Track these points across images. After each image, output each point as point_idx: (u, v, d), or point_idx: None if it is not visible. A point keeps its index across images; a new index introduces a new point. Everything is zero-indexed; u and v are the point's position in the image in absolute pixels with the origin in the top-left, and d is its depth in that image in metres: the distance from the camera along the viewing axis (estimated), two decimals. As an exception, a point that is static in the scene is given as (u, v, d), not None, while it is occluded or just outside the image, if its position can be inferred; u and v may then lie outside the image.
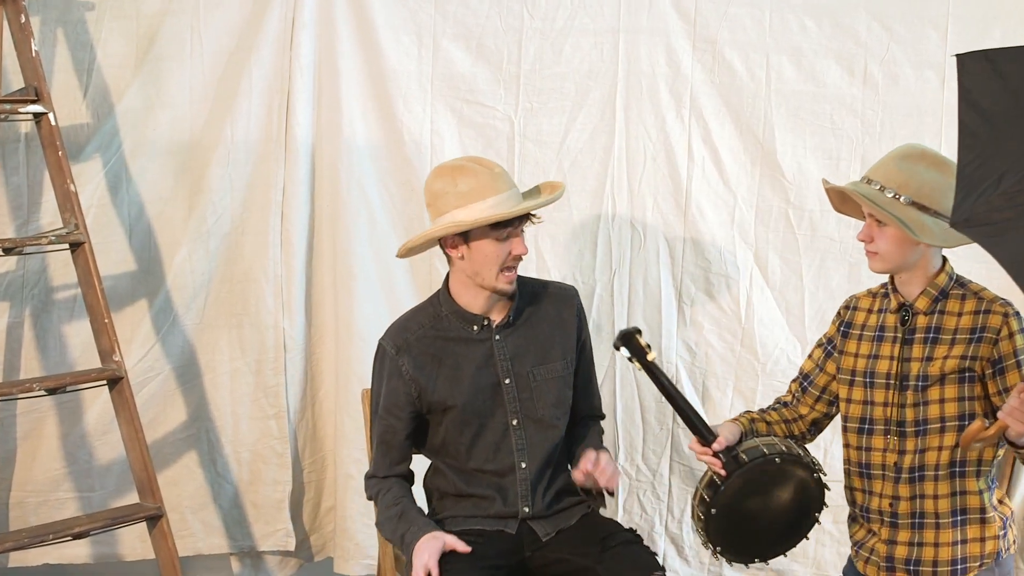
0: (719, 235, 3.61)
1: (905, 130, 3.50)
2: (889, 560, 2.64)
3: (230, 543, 3.73)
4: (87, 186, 3.51)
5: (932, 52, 3.51)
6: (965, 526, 2.59)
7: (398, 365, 2.75)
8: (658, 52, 3.57)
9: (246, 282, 3.63)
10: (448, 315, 2.78)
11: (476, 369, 2.75)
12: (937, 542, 2.60)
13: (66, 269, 3.48)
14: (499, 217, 2.62)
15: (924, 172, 2.53)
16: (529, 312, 2.81)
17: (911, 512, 2.61)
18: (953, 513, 2.59)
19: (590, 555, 2.69)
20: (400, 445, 2.80)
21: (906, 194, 2.53)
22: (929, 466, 2.58)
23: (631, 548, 2.70)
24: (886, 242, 2.56)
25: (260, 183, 3.59)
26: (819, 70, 3.55)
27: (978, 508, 2.59)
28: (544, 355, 2.80)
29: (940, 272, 2.60)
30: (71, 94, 3.51)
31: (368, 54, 3.56)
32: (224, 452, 3.69)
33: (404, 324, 2.82)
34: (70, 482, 3.61)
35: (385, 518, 2.75)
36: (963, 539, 2.59)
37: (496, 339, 2.77)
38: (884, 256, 2.58)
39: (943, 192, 2.49)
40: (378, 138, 3.60)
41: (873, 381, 2.66)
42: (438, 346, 2.76)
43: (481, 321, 2.76)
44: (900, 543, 2.63)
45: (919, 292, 2.60)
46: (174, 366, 3.64)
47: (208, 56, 3.54)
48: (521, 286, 2.81)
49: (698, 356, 3.64)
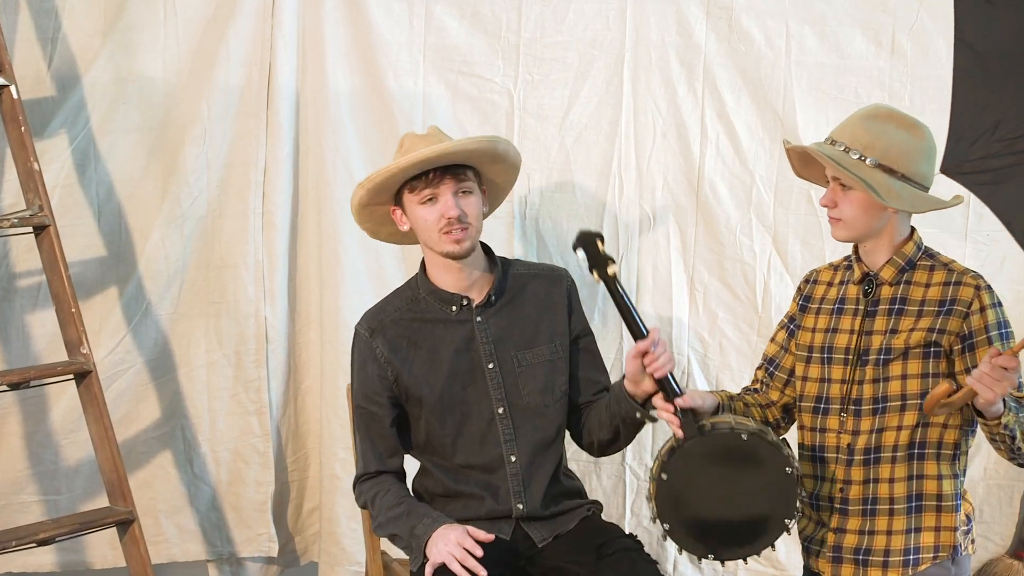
0: (734, 217, 3.52)
1: (935, 104, 3.40)
2: (837, 550, 2.59)
3: (208, 549, 3.68)
4: (52, 164, 3.46)
5: None
6: (920, 513, 2.53)
7: (372, 348, 2.73)
8: (668, 19, 3.50)
9: (224, 268, 3.58)
10: (425, 296, 2.76)
11: (455, 352, 2.72)
12: (889, 530, 2.54)
13: (29, 254, 3.44)
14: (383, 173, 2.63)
15: (893, 133, 2.49)
16: (513, 293, 2.78)
17: (862, 498, 2.55)
18: (908, 499, 2.53)
19: (586, 563, 2.64)
20: (386, 434, 2.75)
21: (872, 156, 2.48)
22: (886, 447, 2.53)
23: (629, 556, 2.65)
24: (851, 207, 2.52)
25: (239, 162, 3.54)
26: (843, 40, 3.46)
27: (935, 494, 2.53)
28: (530, 338, 2.75)
29: (907, 241, 2.57)
30: (34, 65, 3.46)
31: (355, 22, 3.50)
32: (201, 451, 3.65)
33: (380, 307, 2.81)
34: (34, 484, 3.57)
35: (388, 519, 2.68)
36: (917, 527, 2.54)
37: (478, 320, 2.74)
38: (848, 223, 2.53)
39: (913, 155, 2.48)
40: (366, 113, 3.54)
41: (831, 356, 2.62)
42: (415, 328, 2.74)
43: (459, 301, 2.73)
44: (849, 531, 2.57)
45: (884, 261, 2.57)
46: (147, 359, 3.59)
47: (182, 24, 3.49)
48: (507, 267, 2.80)
49: (711, 347, 3.57)
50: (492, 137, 2.74)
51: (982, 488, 3.54)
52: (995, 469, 3.53)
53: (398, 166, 2.63)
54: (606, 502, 3.51)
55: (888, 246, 2.56)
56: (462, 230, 2.65)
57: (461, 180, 2.66)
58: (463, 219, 2.64)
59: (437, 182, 2.64)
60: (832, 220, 2.56)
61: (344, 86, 3.50)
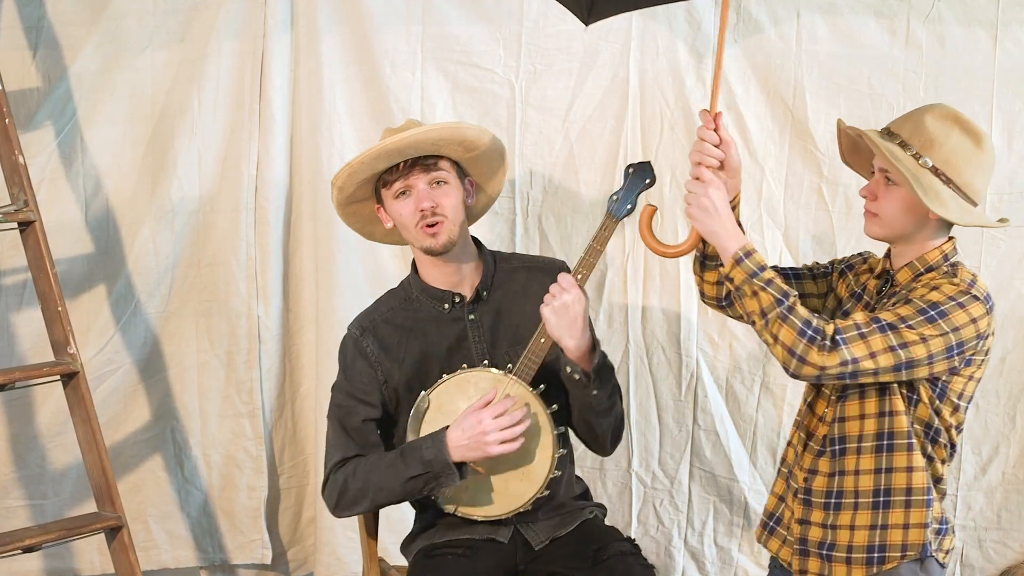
0: (744, 212, 3.47)
1: (952, 96, 3.38)
2: (803, 543, 2.52)
3: (199, 556, 3.69)
4: (37, 158, 3.46)
5: (983, 9, 3.41)
6: (888, 509, 2.45)
7: (363, 347, 2.69)
8: (676, 7, 3.47)
9: (215, 265, 3.58)
10: (417, 295, 2.73)
11: (448, 351, 2.68)
12: (853, 525, 2.46)
13: (14, 251, 3.42)
14: (348, 168, 2.60)
15: (957, 139, 2.37)
16: (507, 287, 2.73)
17: (826, 491, 2.49)
18: (876, 493, 2.45)
19: (581, 568, 2.62)
20: (361, 428, 2.65)
21: (930, 157, 2.37)
22: (851, 437, 2.46)
23: (624, 560, 2.62)
24: (891, 204, 2.42)
25: (231, 155, 3.54)
26: (856, 28, 3.44)
27: (904, 488, 2.44)
28: (524, 334, 2.66)
29: (934, 249, 2.46)
30: (18, 55, 3.45)
31: (351, 11, 3.48)
32: (192, 455, 3.65)
33: (373, 307, 2.78)
34: (20, 489, 3.58)
35: (383, 473, 2.57)
36: (884, 524, 2.45)
37: (471, 318, 2.70)
38: (885, 220, 2.44)
39: (972, 166, 2.37)
40: (363, 105, 3.53)
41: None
42: (407, 327, 2.70)
43: (451, 298, 2.70)
44: (814, 524, 2.51)
45: (905, 264, 2.49)
46: (136, 359, 3.59)
47: (172, 13, 3.48)
48: (501, 260, 2.77)
49: (721, 349, 3.57)
50: (456, 123, 2.71)
51: (1000, 494, 3.52)
52: (1014, 474, 3.52)
53: (359, 159, 2.59)
54: (612, 509, 3.49)
55: (917, 253, 2.47)
56: (438, 223, 2.60)
57: (432, 170, 2.61)
58: (437, 211, 2.59)
59: (407, 173, 2.59)
60: (868, 214, 2.46)
61: (339, 76, 3.49)
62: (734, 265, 2.36)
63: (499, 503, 2.60)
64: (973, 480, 3.51)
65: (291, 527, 3.74)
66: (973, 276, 2.42)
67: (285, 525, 3.73)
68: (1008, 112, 3.38)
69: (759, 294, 2.34)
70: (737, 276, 2.36)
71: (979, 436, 3.49)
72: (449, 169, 2.63)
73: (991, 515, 3.52)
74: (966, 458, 3.49)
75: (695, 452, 3.60)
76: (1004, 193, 3.40)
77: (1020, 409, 3.49)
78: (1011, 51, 3.36)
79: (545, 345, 2.52)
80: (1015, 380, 3.47)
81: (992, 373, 3.45)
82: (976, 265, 3.41)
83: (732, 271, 2.37)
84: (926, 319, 2.31)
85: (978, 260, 3.42)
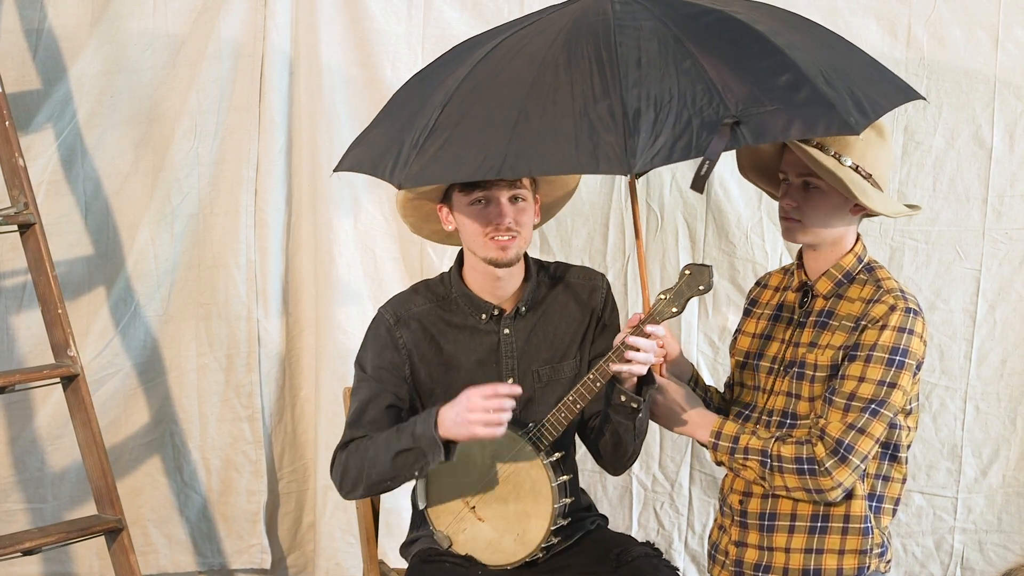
0: (745, 216, 3.48)
1: (953, 98, 3.41)
2: (738, 564, 2.55)
3: (198, 560, 3.68)
4: (37, 160, 3.46)
5: (984, 11, 3.39)
6: (825, 534, 2.47)
7: (395, 337, 2.63)
8: None
9: (215, 268, 3.57)
10: (457, 298, 2.66)
11: (476, 363, 2.63)
12: (788, 547, 2.48)
13: (14, 253, 3.43)
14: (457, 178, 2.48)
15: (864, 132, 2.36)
16: (545, 303, 2.68)
17: (760, 512, 2.50)
18: (813, 518, 2.47)
19: (602, 572, 2.58)
20: (380, 414, 2.60)
21: (848, 156, 2.39)
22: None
23: (650, 562, 2.58)
24: (815, 209, 2.43)
25: (231, 157, 3.53)
26: (857, 30, 3.39)
27: (842, 515, 2.46)
28: (555, 354, 2.65)
29: (848, 253, 2.48)
30: (19, 57, 3.45)
31: (352, 12, 3.47)
32: (191, 458, 3.64)
33: (409, 297, 2.70)
34: (19, 492, 3.57)
35: (377, 446, 2.53)
36: (819, 548, 2.46)
37: (505, 333, 2.64)
38: (810, 225, 2.45)
39: (883, 158, 2.43)
40: (363, 108, 3.47)
41: (759, 364, 2.59)
42: (439, 329, 2.65)
43: (491, 310, 2.64)
44: (750, 546, 2.53)
45: (822, 272, 2.49)
46: (135, 362, 3.58)
47: (172, 14, 3.47)
48: (540, 271, 2.70)
49: (722, 352, 3.52)
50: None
51: (1000, 496, 3.51)
52: (1014, 476, 3.51)
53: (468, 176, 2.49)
54: (612, 513, 3.48)
55: (831, 256, 2.47)
56: (510, 238, 2.55)
57: (516, 186, 2.55)
58: (513, 227, 2.54)
59: (491, 185, 2.51)
60: (790, 221, 2.44)
61: (340, 79, 3.47)
62: (713, 450, 2.48)
63: (490, 555, 2.55)
64: (973, 483, 3.49)
65: (291, 532, 3.72)
66: (898, 284, 2.44)
67: (285, 530, 3.71)
68: (1009, 114, 3.36)
69: (747, 465, 2.43)
70: (721, 457, 2.48)
71: (980, 439, 3.48)
72: (528, 187, 2.58)
73: (992, 518, 3.51)
74: (967, 461, 3.48)
75: (696, 455, 3.58)
76: (1005, 195, 3.38)
77: (1021, 412, 3.47)
78: (1012, 53, 3.34)
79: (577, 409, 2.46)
80: (1015, 383, 3.46)
81: (993, 376, 3.45)
82: (976, 268, 3.40)
83: (713, 455, 2.49)
84: (895, 368, 2.36)
85: (978, 263, 3.40)
